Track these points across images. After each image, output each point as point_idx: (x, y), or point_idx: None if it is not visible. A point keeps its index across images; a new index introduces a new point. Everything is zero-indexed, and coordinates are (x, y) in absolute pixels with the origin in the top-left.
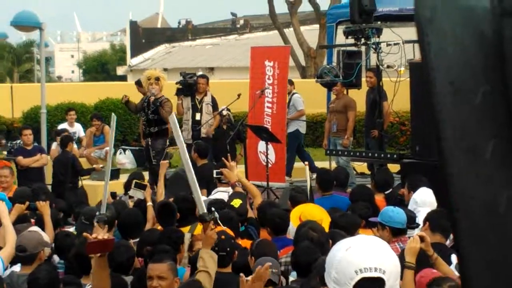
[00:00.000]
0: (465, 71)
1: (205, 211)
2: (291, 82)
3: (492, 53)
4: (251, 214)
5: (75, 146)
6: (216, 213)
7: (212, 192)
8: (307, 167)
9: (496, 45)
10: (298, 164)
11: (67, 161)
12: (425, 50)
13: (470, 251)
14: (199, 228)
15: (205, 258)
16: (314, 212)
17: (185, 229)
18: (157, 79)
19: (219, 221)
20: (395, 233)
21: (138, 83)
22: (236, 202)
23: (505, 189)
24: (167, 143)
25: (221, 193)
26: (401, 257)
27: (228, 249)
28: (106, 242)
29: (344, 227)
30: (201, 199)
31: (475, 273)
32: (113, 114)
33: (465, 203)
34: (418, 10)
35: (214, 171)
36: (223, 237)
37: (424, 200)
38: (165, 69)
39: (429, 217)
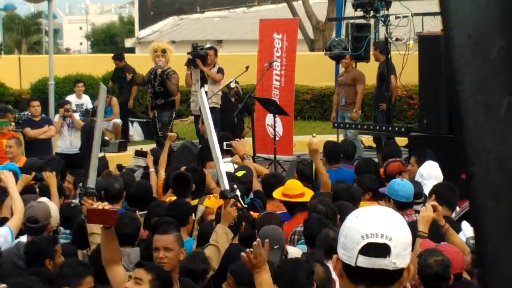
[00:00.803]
0: (483, 25)
1: (227, 187)
2: None
3: (509, 8)
4: (258, 187)
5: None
6: (238, 190)
7: None
8: (315, 140)
9: None
10: (304, 137)
11: (91, 130)
12: (444, 2)
13: (485, 204)
14: (207, 201)
15: (219, 233)
16: (296, 186)
17: (194, 202)
18: (164, 51)
19: (240, 199)
20: (400, 207)
21: (117, 57)
22: (240, 173)
23: None
24: (174, 115)
25: (226, 164)
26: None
27: (235, 220)
28: (108, 213)
29: (347, 199)
30: (224, 175)
31: (488, 225)
32: (101, 84)
33: (481, 157)
34: None
35: (224, 143)
36: None
37: (429, 173)
38: (173, 42)
39: (436, 190)
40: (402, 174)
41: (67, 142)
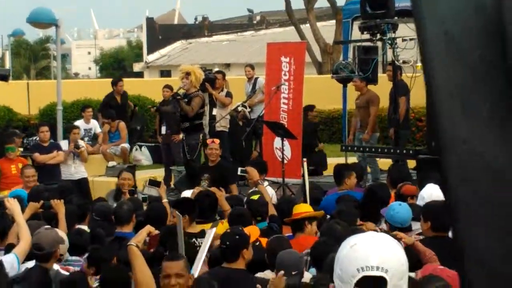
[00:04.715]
0: (462, 29)
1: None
2: (252, 67)
3: (491, 20)
4: (273, 211)
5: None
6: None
7: None
8: (305, 163)
9: (496, 12)
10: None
11: None
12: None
13: (461, 196)
14: (220, 226)
15: None
16: (303, 207)
17: (207, 226)
18: (188, 73)
19: None
20: (394, 231)
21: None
22: (255, 196)
23: (499, 145)
24: (200, 138)
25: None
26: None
27: (228, 242)
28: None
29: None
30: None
31: (465, 219)
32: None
33: (456, 145)
34: None
35: (239, 169)
36: (228, 230)
37: (430, 195)
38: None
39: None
40: (413, 198)
41: (71, 170)
